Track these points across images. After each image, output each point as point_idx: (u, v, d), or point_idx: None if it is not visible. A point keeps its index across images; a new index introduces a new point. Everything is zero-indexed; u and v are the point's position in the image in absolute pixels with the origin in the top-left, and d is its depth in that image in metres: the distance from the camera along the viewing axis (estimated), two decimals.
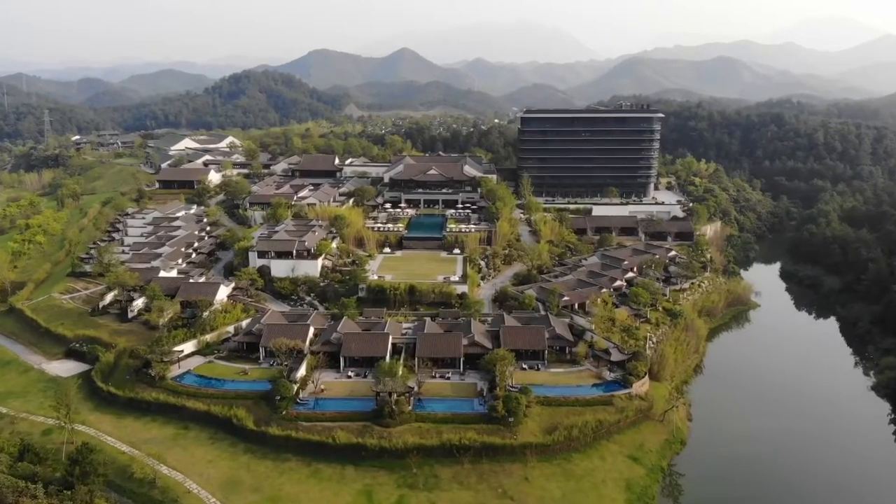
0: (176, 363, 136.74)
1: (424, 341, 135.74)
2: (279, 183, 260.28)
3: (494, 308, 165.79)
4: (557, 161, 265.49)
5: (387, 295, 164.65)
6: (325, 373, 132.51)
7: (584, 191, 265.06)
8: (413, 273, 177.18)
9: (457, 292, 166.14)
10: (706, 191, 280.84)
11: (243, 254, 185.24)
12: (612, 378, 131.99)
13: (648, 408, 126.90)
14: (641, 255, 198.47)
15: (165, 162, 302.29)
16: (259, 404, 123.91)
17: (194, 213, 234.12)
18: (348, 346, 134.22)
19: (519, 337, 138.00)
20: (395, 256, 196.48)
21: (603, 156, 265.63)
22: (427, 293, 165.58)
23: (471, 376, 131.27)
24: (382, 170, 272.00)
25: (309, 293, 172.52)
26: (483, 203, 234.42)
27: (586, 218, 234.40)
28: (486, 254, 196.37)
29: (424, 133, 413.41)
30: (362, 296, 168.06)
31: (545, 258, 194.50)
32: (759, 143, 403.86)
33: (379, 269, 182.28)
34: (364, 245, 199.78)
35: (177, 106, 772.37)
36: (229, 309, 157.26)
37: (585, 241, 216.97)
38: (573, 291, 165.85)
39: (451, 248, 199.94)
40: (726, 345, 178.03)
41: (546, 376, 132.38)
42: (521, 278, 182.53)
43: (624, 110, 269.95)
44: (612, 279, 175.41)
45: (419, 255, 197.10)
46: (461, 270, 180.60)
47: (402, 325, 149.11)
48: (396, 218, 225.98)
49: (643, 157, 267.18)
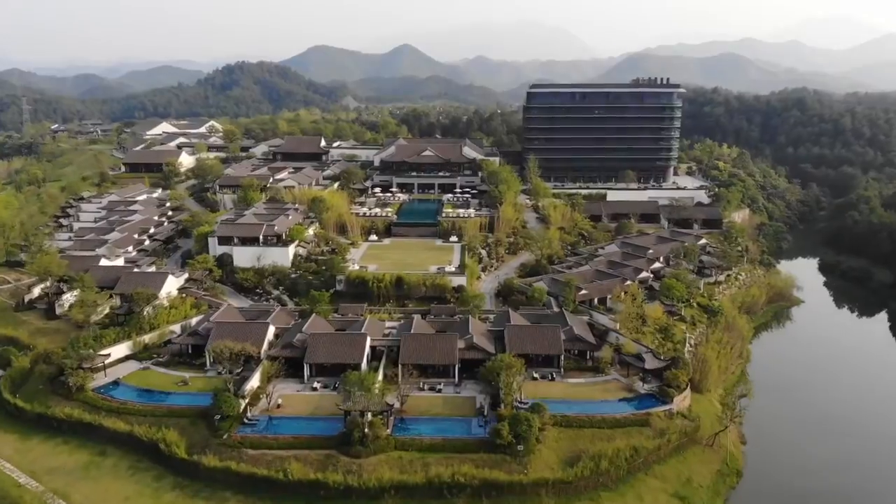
0: (102, 370, 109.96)
1: (410, 344, 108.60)
2: (256, 166, 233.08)
3: (497, 304, 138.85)
4: (567, 142, 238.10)
5: (369, 288, 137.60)
6: (286, 383, 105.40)
7: (596, 175, 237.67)
8: (402, 263, 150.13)
9: (452, 285, 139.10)
10: (731, 176, 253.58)
11: (203, 240, 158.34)
12: (647, 390, 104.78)
13: (695, 429, 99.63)
14: (668, 243, 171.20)
15: (139, 146, 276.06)
16: (197, 424, 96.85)
17: (157, 196, 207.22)
18: (315, 350, 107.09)
19: (528, 338, 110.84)
20: (382, 245, 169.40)
21: (618, 136, 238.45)
22: (417, 286, 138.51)
23: (468, 388, 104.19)
24: (373, 153, 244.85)
25: (277, 286, 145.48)
26: (484, 187, 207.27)
27: (601, 203, 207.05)
28: (487, 242, 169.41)
29: (422, 120, 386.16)
30: (340, 289, 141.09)
31: (556, 246, 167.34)
32: (780, 129, 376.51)
33: (362, 259, 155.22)
34: (347, 232, 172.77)
35: (167, 97, 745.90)
36: (177, 304, 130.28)
37: (601, 228, 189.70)
38: (592, 284, 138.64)
39: (447, 236, 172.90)
40: (771, 347, 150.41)
41: (563, 388, 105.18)
42: (529, 269, 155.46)
43: (641, 84, 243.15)
44: (636, 270, 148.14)
45: (410, 243, 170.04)
46: (458, 260, 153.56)
47: (384, 324, 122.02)
48: (386, 203, 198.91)
49: (663, 136, 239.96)
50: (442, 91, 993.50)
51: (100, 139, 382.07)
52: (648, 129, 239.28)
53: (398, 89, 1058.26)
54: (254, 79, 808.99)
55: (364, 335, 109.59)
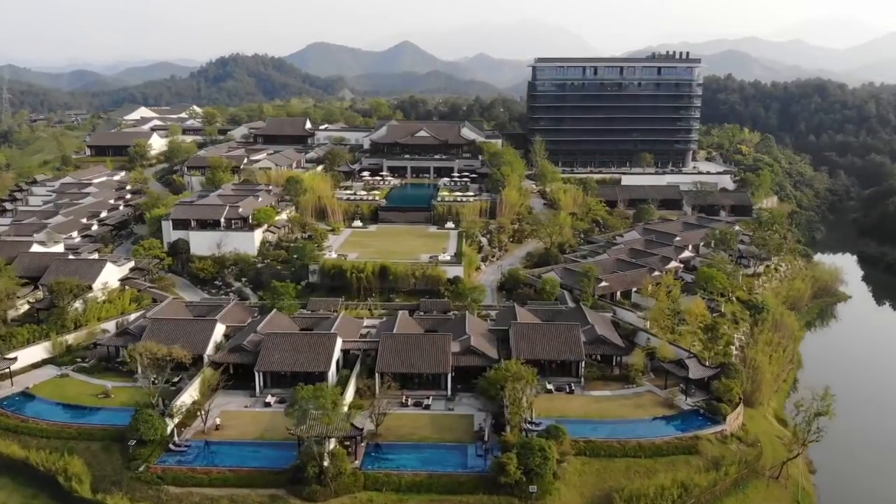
0: (8, 378, 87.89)
1: (391, 347, 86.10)
2: (233, 149, 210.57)
3: (500, 298, 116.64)
4: (576, 122, 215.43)
5: (347, 280, 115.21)
6: (232, 397, 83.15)
7: (608, 159, 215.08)
8: (388, 251, 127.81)
9: (447, 276, 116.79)
10: (755, 161, 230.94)
11: (156, 225, 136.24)
12: (691, 406, 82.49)
13: (756, 457, 77.31)
14: (697, 230, 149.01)
15: (112, 131, 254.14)
16: (111, 450, 74.91)
17: (119, 179, 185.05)
18: (269, 355, 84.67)
19: (540, 340, 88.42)
20: (367, 231, 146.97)
21: (632, 115, 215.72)
22: (405, 277, 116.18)
23: (464, 404, 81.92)
24: (364, 136, 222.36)
25: (239, 277, 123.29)
26: (485, 170, 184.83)
27: (616, 188, 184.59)
28: (488, 228, 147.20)
29: (419, 107, 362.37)
30: (314, 281, 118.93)
31: (567, 233, 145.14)
32: (800, 116, 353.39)
33: (342, 247, 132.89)
34: (327, 218, 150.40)
35: (158, 90, 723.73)
36: (113, 298, 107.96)
37: (617, 214, 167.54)
38: (613, 275, 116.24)
39: (442, 222, 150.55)
40: (821, 350, 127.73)
41: (585, 404, 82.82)
42: (537, 259, 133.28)
43: (659, 58, 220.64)
44: (663, 259, 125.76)
45: (400, 229, 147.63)
46: (455, 248, 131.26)
47: (362, 323, 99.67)
48: (374, 187, 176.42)
49: (682, 116, 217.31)
50: (442, 86, 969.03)
51: (78, 126, 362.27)
52: (666, 108, 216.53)
53: (398, 84, 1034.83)
54: (248, 71, 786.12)
55: (333, 336, 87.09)
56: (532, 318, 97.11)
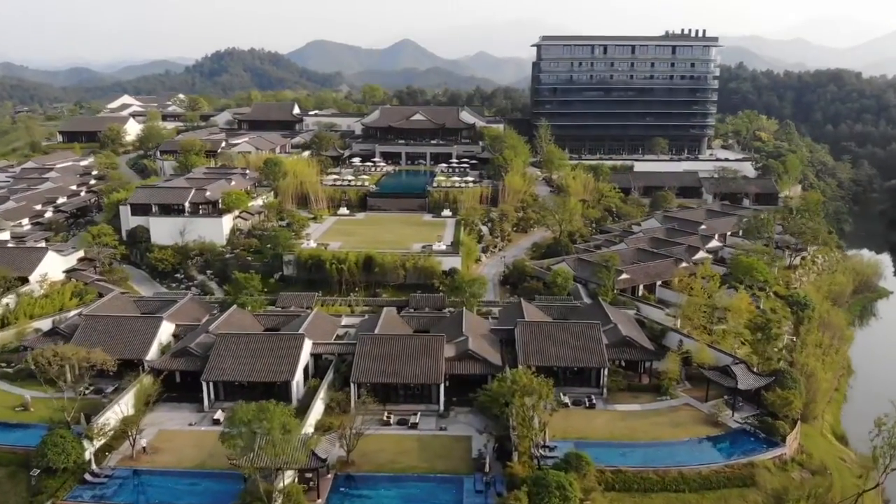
0: None
1: (370, 351, 70.32)
2: (214, 134, 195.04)
3: (504, 294, 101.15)
4: (584, 105, 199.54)
5: (328, 272, 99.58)
6: (176, 412, 67.67)
7: (619, 145, 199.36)
8: (376, 240, 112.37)
9: (442, 268, 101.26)
10: (776, 148, 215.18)
11: (114, 210, 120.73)
12: (741, 423, 66.89)
13: (826, 488, 61.56)
14: (723, 218, 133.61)
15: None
16: (17, 478, 59.51)
17: (85, 164, 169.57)
18: (219, 361, 68.99)
19: (553, 343, 72.72)
20: (353, 219, 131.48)
21: (645, 98, 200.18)
22: (392, 269, 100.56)
23: (460, 422, 66.29)
24: (356, 121, 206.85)
25: (205, 269, 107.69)
26: (486, 155, 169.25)
27: (630, 175, 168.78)
28: (489, 216, 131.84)
29: (417, 96, 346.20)
30: (289, 274, 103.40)
31: (578, 222, 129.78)
32: (816, 105, 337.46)
33: (324, 236, 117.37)
34: (310, 205, 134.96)
35: (152, 84, 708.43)
36: (51, 292, 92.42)
37: (632, 202, 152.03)
38: (635, 267, 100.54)
39: (438, 210, 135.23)
40: (870, 352, 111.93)
41: (610, 421, 67.13)
42: (545, 250, 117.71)
43: (673, 37, 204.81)
44: (690, 249, 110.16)
45: (391, 217, 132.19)
46: (452, 237, 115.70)
47: (339, 321, 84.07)
48: (365, 174, 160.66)
49: (698, 99, 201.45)
50: (442, 83, 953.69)
51: (61, 117, 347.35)
52: (681, 90, 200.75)
53: (397, 81, 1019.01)
54: (244, 66, 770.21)
55: (299, 338, 71.30)
56: (542, 315, 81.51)
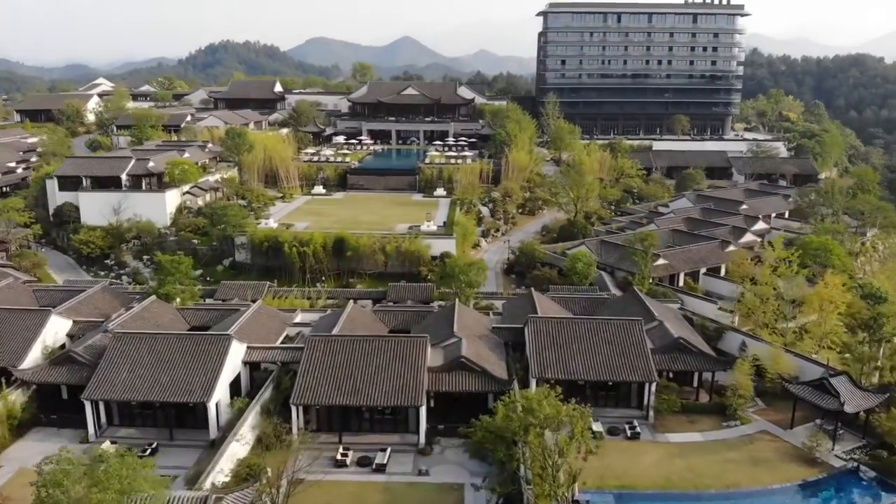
0: None
1: (321, 360, 50.05)
2: (187, 113, 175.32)
3: (508, 284, 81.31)
4: (596, 79, 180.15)
5: (287, 257, 79.76)
6: (52, 441, 47.74)
7: (634, 125, 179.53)
8: (353, 221, 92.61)
9: (432, 252, 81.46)
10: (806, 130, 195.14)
11: (40, 186, 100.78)
12: (847, 460, 46.98)
13: None
14: (765, 197, 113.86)
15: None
16: None
17: (33, 141, 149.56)
18: (110, 373, 48.90)
19: (579, 347, 52.53)
20: (329, 199, 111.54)
21: (663, 72, 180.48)
22: (369, 253, 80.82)
23: (448, 462, 46.05)
24: (342, 99, 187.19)
25: (141, 255, 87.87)
26: (487, 132, 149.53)
27: (650, 154, 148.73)
28: (490, 196, 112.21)
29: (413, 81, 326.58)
30: (243, 260, 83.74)
31: (595, 203, 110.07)
32: (838, 91, 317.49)
33: (289, 216, 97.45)
34: (280, 183, 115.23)
35: (144, 76, 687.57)
36: None
37: (654, 182, 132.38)
38: (673, 251, 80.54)
39: (430, 189, 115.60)
40: None
41: (662, 459, 46.98)
42: (557, 234, 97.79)
43: (694, 5, 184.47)
44: (735, 231, 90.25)
45: (374, 197, 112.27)
46: (446, 218, 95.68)
47: (291, 317, 63.81)
48: (349, 152, 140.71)
49: (722, 72, 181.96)
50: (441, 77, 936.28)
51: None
52: (704, 64, 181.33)
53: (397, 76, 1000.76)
54: (238, 58, 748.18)
55: (225, 340, 51.03)
56: (560, 310, 61.63)
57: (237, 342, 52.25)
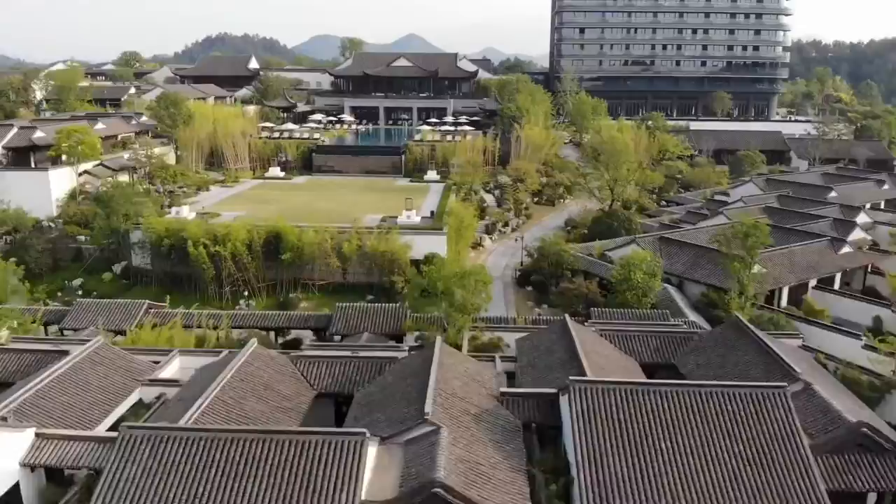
0: None
1: (138, 479, 24.54)
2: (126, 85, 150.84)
3: (522, 300, 55.61)
4: (621, 50, 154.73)
5: (193, 261, 54.15)
6: None
7: (666, 104, 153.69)
8: (307, 210, 67.32)
9: (411, 255, 55.97)
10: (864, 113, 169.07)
11: None
12: None
13: None
14: (855, 183, 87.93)
15: None
16: None
17: None
18: None
19: (678, 449, 26.76)
20: (286, 183, 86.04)
21: (698, 41, 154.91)
22: (318, 255, 55.23)
23: None
24: (325, 74, 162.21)
25: (9, 255, 62.62)
26: (494, 107, 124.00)
27: (690, 135, 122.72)
28: (497, 180, 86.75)
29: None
30: (141, 264, 58.39)
31: (634, 190, 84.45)
32: (876, 77, 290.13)
33: (220, 203, 71.98)
34: (225, 164, 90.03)
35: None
36: None
37: (702, 166, 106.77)
38: (772, 254, 54.37)
39: (420, 172, 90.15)
40: None
41: None
42: (590, 228, 72.00)
43: None
44: (841, 226, 64.25)
45: (345, 182, 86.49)
46: (437, 207, 69.80)
47: (157, 366, 37.92)
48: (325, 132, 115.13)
49: (764, 43, 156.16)
50: None
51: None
52: (746, 34, 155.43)
53: None
54: (236, 51, 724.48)
55: None
56: (618, 355, 35.77)
57: (5, 431, 26.66)
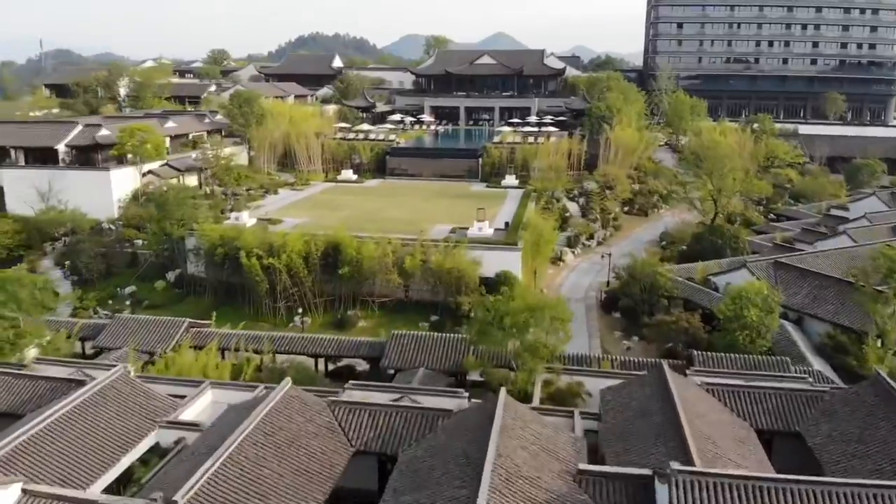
0: None
1: None
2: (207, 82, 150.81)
3: (608, 330, 48.48)
4: (721, 47, 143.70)
5: (248, 273, 49.89)
6: None
7: (771, 105, 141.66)
8: (376, 219, 62.41)
9: (481, 271, 49.93)
10: None
11: None
12: None
13: None
14: None
15: None
16: None
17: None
18: None
19: None
20: (357, 187, 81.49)
21: (809, 37, 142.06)
22: (377, 268, 49.96)
23: None
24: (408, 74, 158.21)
25: (63, 259, 60.36)
26: (581, 106, 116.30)
27: (801, 139, 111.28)
28: (583, 187, 79.53)
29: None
30: (195, 272, 54.67)
31: (738, 202, 75.20)
32: None
33: (285, 209, 67.88)
34: (298, 165, 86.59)
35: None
36: None
37: (814, 175, 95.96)
38: None
39: (498, 176, 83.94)
40: None
41: None
42: (689, 245, 63.92)
43: None
44: None
45: (420, 187, 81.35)
46: (513, 217, 63.36)
47: (182, 403, 33.17)
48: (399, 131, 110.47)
49: (882, 41, 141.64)
50: None
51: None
52: (860, 30, 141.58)
53: None
54: (327, 51, 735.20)
55: None
56: (728, 417, 28.61)
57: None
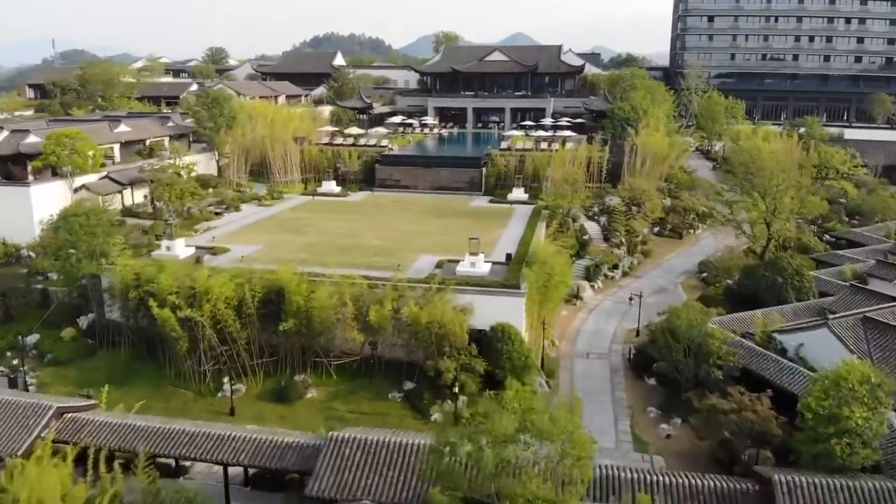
0: None
1: None
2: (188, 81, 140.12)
3: (636, 395, 35.97)
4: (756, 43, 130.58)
5: (163, 324, 37.97)
6: None
7: (811, 107, 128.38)
8: (348, 245, 50.38)
9: (471, 323, 37.70)
10: None
11: None
12: None
13: None
14: None
15: None
16: None
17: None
18: None
19: None
20: (337, 202, 69.32)
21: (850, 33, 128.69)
22: (333, 321, 37.89)
23: None
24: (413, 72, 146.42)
25: None
26: (602, 106, 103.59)
27: (849, 145, 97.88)
28: (605, 203, 67.09)
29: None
30: (114, 318, 42.72)
31: (790, 224, 61.94)
32: None
33: (241, 231, 55.96)
34: (272, 176, 75.04)
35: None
36: None
37: (871, 188, 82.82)
38: None
39: (504, 189, 71.63)
40: None
41: None
42: (738, 281, 51.29)
43: None
44: None
45: (412, 201, 69.13)
46: (515, 246, 50.92)
47: None
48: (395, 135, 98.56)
49: None
50: None
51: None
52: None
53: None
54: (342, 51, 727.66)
55: None
56: None
57: None
